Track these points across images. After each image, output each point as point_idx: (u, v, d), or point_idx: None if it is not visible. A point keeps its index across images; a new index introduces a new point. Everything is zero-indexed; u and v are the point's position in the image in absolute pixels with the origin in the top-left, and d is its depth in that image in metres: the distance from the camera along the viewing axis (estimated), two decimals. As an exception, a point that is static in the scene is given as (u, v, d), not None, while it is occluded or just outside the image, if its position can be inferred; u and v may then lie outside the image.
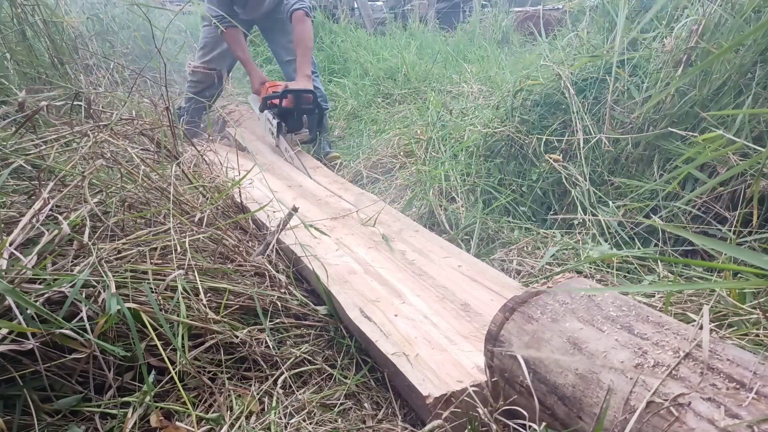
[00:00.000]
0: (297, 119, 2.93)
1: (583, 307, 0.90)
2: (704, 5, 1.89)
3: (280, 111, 2.86)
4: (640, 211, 1.85)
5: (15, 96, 2.03)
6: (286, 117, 2.88)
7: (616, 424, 0.73)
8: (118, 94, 2.69)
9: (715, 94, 1.79)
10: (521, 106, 2.43)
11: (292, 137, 2.91)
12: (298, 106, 2.86)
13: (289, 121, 2.89)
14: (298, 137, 2.94)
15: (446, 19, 7.01)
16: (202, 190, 1.73)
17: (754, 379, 0.65)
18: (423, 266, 1.67)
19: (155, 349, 1.13)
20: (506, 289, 1.50)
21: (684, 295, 1.38)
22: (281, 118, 2.87)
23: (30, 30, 2.69)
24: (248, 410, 1.13)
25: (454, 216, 2.17)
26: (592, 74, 2.22)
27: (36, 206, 1.17)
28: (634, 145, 1.97)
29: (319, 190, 2.39)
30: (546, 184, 2.19)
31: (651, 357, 0.74)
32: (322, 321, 1.46)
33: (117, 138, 1.63)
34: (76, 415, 1.06)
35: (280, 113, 2.87)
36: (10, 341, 0.96)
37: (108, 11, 3.57)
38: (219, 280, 1.37)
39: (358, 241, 1.85)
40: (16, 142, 1.45)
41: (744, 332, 1.18)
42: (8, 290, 0.94)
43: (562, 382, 0.83)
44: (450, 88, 3.73)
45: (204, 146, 2.16)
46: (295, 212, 1.72)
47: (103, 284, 1.10)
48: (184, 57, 4.23)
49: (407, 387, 1.11)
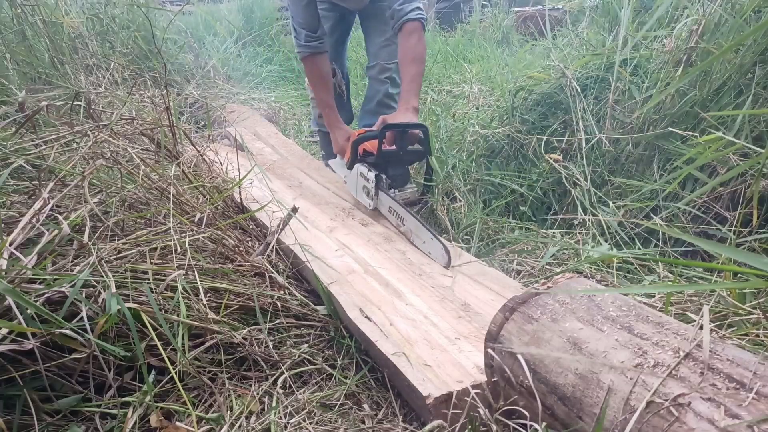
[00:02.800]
0: (402, 168, 2.10)
1: (583, 307, 0.90)
2: (704, 5, 1.89)
3: (378, 159, 2.00)
4: (640, 211, 1.85)
5: (15, 96, 2.03)
6: (386, 167, 2.04)
7: (616, 424, 0.73)
8: (118, 94, 2.69)
9: (715, 94, 1.79)
10: (522, 105, 2.43)
11: (396, 194, 2.03)
12: (402, 148, 2.01)
13: (391, 171, 2.05)
14: (402, 195, 2.08)
15: (446, 19, 7.01)
16: (202, 190, 1.73)
17: (754, 379, 0.65)
18: (423, 266, 1.67)
19: (155, 349, 1.13)
20: (506, 289, 1.50)
21: (684, 295, 1.38)
22: (379, 169, 2.02)
23: (30, 30, 2.70)
24: (248, 410, 1.13)
25: (455, 216, 2.17)
26: (593, 73, 2.22)
27: (36, 206, 1.17)
28: (634, 145, 1.98)
29: (320, 190, 2.38)
30: (546, 184, 2.19)
31: (651, 357, 0.74)
32: (322, 321, 1.46)
33: (117, 138, 1.63)
34: (76, 415, 1.06)
35: (377, 162, 2.01)
36: (10, 341, 0.96)
37: (108, 11, 3.57)
38: (219, 280, 1.37)
39: (358, 241, 1.85)
40: (16, 142, 1.45)
41: (744, 332, 1.17)
42: (8, 290, 0.94)
43: (562, 382, 0.83)
44: (450, 88, 3.73)
45: (204, 146, 2.16)
46: (295, 213, 1.72)
47: (103, 284, 1.10)
48: (185, 57, 4.23)
49: (407, 387, 1.11)
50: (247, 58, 5.03)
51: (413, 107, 2.11)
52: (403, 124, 1.99)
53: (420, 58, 2.19)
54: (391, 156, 2.01)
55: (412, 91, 2.15)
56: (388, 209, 2.00)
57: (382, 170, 2.02)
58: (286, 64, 5.22)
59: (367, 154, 2.06)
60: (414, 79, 2.16)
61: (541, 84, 2.42)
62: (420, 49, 2.19)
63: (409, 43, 2.17)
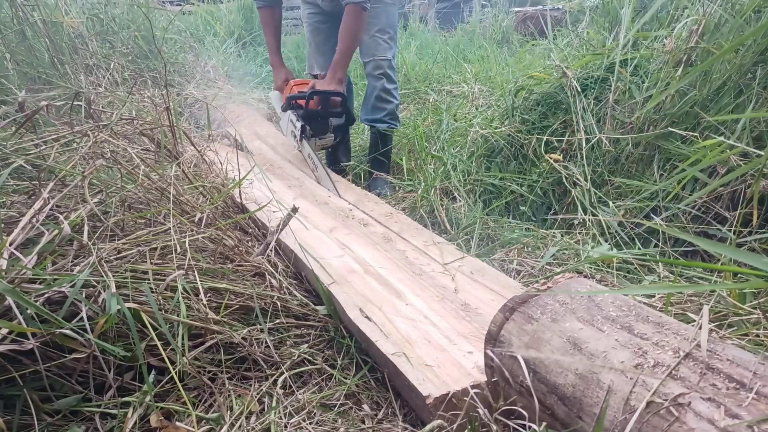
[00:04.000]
0: (322, 123, 2.63)
1: (583, 307, 0.90)
2: (704, 5, 1.89)
3: (306, 113, 2.57)
4: (640, 211, 1.85)
5: (15, 96, 2.03)
6: (311, 120, 2.59)
7: (616, 424, 0.73)
8: (118, 94, 2.69)
9: (716, 94, 1.79)
10: (522, 105, 2.43)
11: (316, 142, 2.65)
12: (324, 109, 2.57)
13: (314, 124, 2.61)
14: (321, 142, 2.68)
15: (446, 19, 7.01)
16: (202, 190, 1.73)
17: (754, 379, 0.65)
18: (423, 266, 1.67)
19: (155, 349, 1.13)
20: (506, 289, 1.50)
21: (684, 295, 1.38)
22: (306, 121, 2.59)
23: (30, 30, 2.70)
24: (248, 410, 1.13)
25: (454, 215, 2.17)
26: (593, 73, 2.22)
27: (36, 206, 1.17)
28: (634, 145, 1.97)
29: (320, 190, 2.39)
30: (546, 184, 2.19)
31: (651, 357, 0.74)
32: (322, 321, 1.46)
33: (117, 138, 1.63)
34: (76, 415, 1.06)
35: (305, 115, 2.58)
36: (10, 341, 0.96)
37: (108, 11, 3.57)
38: (219, 280, 1.37)
39: (357, 240, 1.85)
40: (16, 142, 1.45)
41: (744, 332, 1.18)
42: (8, 290, 0.94)
43: (562, 382, 0.83)
44: (450, 88, 3.73)
45: (204, 146, 2.16)
46: (295, 213, 1.72)
47: (103, 284, 1.10)
48: (185, 57, 4.23)
49: (407, 387, 1.11)
50: (247, 58, 5.03)
51: (338, 78, 2.54)
52: (327, 91, 2.53)
53: (351, 35, 2.52)
54: (315, 113, 2.57)
55: (340, 64, 2.54)
56: (307, 155, 2.61)
57: (307, 122, 2.57)
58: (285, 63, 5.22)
59: (297, 106, 2.60)
60: (343, 53, 2.54)
61: (542, 84, 2.42)
62: (353, 27, 2.50)
63: (346, 20, 2.50)
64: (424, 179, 2.41)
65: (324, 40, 2.93)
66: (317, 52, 2.97)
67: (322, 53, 2.94)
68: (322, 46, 2.94)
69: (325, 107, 2.55)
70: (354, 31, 2.51)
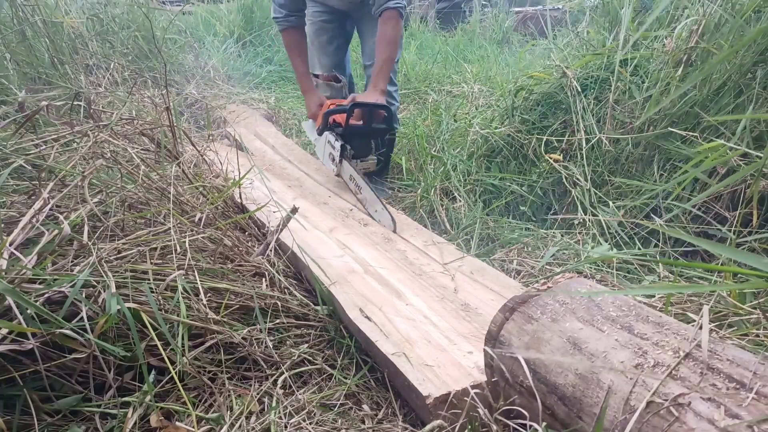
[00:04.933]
0: (364, 143, 2.32)
1: (583, 307, 0.90)
2: (704, 5, 1.89)
3: (346, 130, 2.25)
4: (640, 211, 1.85)
5: (15, 96, 2.03)
6: (351, 138, 2.28)
7: (616, 424, 0.73)
8: (118, 94, 2.69)
9: (716, 94, 1.79)
10: (522, 105, 2.43)
11: (357, 164, 2.28)
12: (368, 125, 2.26)
13: (355, 142, 2.29)
14: (363, 165, 2.32)
15: (446, 19, 7.01)
16: (202, 190, 1.73)
17: (754, 379, 0.65)
18: (423, 266, 1.67)
19: (155, 349, 1.13)
20: (506, 289, 1.50)
21: (684, 295, 1.38)
22: (346, 140, 2.27)
23: (30, 30, 2.70)
24: (248, 410, 1.13)
25: (454, 215, 2.17)
26: (593, 73, 2.22)
27: (36, 206, 1.17)
28: (634, 145, 1.97)
29: (320, 190, 2.38)
30: (546, 184, 2.19)
31: (651, 357, 0.74)
32: (322, 321, 1.46)
33: (117, 138, 1.63)
34: (76, 415, 1.06)
35: (345, 133, 2.26)
36: (10, 341, 0.96)
37: (108, 11, 3.57)
38: (219, 280, 1.37)
39: (358, 241, 1.85)
40: (16, 142, 1.45)
41: (744, 332, 1.18)
42: (8, 290, 0.94)
43: (562, 382, 0.83)
44: (450, 88, 3.73)
45: (204, 146, 2.16)
46: (295, 213, 1.72)
47: (103, 284, 1.10)
48: (185, 57, 4.23)
49: (407, 387, 1.11)
50: (247, 58, 5.02)
51: (381, 89, 2.31)
52: (371, 103, 2.23)
53: (393, 42, 2.33)
54: (357, 130, 2.26)
55: (382, 74, 2.33)
56: (349, 177, 2.27)
57: (348, 141, 2.26)
58: (286, 63, 5.22)
59: (335, 125, 2.30)
60: (385, 62, 2.33)
61: (542, 84, 2.42)
62: (393, 34, 2.32)
63: (385, 28, 2.31)
64: (424, 179, 2.41)
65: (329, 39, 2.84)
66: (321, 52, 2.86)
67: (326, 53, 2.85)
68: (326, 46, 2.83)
69: (369, 122, 2.25)
70: (395, 38, 2.34)
